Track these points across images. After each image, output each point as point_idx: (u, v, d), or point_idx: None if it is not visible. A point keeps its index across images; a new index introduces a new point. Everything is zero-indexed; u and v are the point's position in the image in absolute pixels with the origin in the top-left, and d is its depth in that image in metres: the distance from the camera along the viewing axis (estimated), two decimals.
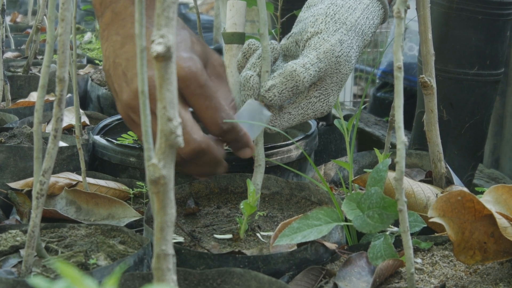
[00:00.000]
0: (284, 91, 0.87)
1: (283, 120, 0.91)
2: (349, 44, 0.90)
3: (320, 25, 0.90)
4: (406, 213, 0.61)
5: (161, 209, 0.43)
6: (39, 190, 0.65)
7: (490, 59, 1.25)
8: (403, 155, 0.59)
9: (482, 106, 1.28)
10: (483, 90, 1.27)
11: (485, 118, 1.30)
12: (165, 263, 0.44)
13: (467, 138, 1.28)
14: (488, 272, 0.72)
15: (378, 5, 0.95)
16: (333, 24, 0.90)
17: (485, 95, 1.24)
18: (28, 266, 0.67)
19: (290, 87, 0.87)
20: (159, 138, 0.42)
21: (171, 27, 0.41)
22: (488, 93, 1.27)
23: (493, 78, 1.27)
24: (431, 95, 0.92)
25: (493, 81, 1.28)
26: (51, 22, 0.63)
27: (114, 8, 0.88)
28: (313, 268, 0.73)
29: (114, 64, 0.85)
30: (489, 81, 1.27)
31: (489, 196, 0.72)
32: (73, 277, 0.34)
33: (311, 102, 0.91)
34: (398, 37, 0.58)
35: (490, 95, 1.28)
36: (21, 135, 1.17)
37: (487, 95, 1.28)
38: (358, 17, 0.92)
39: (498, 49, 1.26)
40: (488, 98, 1.28)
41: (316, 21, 0.91)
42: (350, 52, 0.90)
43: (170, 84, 0.41)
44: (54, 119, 0.63)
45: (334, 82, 0.91)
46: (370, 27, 0.94)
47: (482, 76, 1.26)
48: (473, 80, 1.26)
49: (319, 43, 0.89)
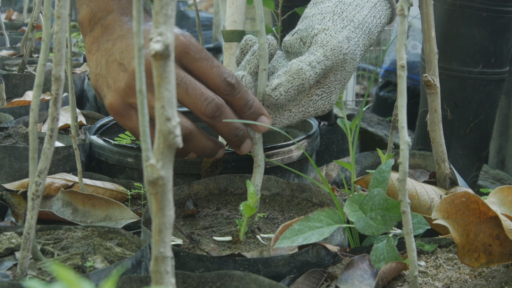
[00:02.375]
0: (290, 89, 0.87)
1: (283, 118, 0.91)
2: (356, 41, 0.91)
3: (327, 23, 0.91)
4: (410, 214, 0.61)
5: (159, 210, 0.43)
6: (34, 191, 0.65)
7: (495, 57, 1.26)
8: (406, 156, 0.59)
9: (486, 105, 1.28)
10: (488, 88, 1.27)
11: (490, 117, 1.30)
12: (164, 265, 0.44)
13: (471, 138, 1.28)
14: (493, 275, 0.72)
15: (385, 4, 0.95)
16: (340, 22, 0.91)
17: (489, 94, 1.25)
18: (23, 269, 0.67)
19: (296, 85, 0.87)
20: (157, 138, 0.42)
21: (169, 25, 0.41)
22: (492, 92, 1.27)
23: (498, 77, 1.27)
24: (435, 94, 0.92)
25: (498, 79, 1.28)
26: (47, 20, 0.63)
27: (103, 23, 0.93)
28: (314, 271, 0.73)
29: (107, 64, 0.87)
30: (494, 80, 1.27)
31: (494, 197, 0.72)
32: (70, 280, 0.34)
33: (313, 100, 0.91)
34: (401, 35, 0.58)
35: (494, 94, 1.28)
36: (16, 135, 1.17)
37: (492, 94, 1.28)
38: (366, 15, 0.93)
39: (503, 47, 1.26)
40: (492, 97, 1.28)
41: (323, 19, 0.91)
42: (356, 50, 0.91)
43: (169, 83, 0.41)
44: (50, 118, 0.63)
45: (337, 80, 0.91)
46: (377, 26, 0.94)
47: (486, 75, 1.26)
48: (478, 78, 1.26)
49: (326, 40, 0.89)
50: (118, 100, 0.86)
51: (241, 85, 0.87)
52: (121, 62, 0.87)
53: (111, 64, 0.88)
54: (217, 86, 0.85)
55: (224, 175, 0.98)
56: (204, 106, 0.83)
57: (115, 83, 0.87)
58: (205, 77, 0.86)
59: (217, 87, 0.85)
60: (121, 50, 0.88)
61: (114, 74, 0.87)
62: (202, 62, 0.85)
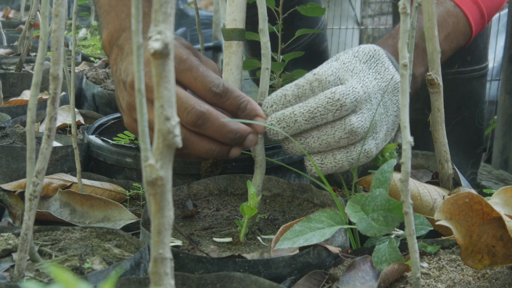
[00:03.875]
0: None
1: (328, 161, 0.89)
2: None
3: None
4: (412, 215, 0.61)
5: (159, 211, 0.43)
6: (32, 192, 0.65)
7: (471, 55, 1.25)
8: (408, 156, 0.59)
9: (470, 102, 1.28)
10: (469, 87, 1.27)
11: (477, 114, 1.30)
12: (163, 267, 0.44)
13: (457, 136, 1.28)
14: (497, 277, 0.72)
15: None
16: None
17: (472, 92, 1.24)
18: (20, 270, 0.67)
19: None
20: (156, 138, 0.42)
21: (168, 23, 0.41)
22: (475, 88, 1.26)
23: (478, 73, 1.27)
24: (438, 94, 0.92)
25: (479, 76, 1.27)
26: (44, 18, 0.63)
27: (118, 43, 0.96)
28: (315, 273, 0.73)
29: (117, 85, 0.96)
30: (475, 77, 1.27)
31: (497, 198, 0.72)
32: (67, 281, 0.34)
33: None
34: (403, 34, 0.58)
35: (478, 90, 1.27)
36: (14, 135, 1.17)
37: (475, 91, 1.27)
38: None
39: (478, 42, 1.25)
40: (476, 93, 1.27)
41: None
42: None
43: (168, 82, 0.41)
44: (47, 118, 0.63)
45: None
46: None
47: (465, 73, 1.26)
48: (456, 78, 1.25)
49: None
50: (128, 119, 0.89)
51: (230, 90, 0.85)
52: (124, 80, 0.88)
53: (119, 85, 0.91)
54: (204, 97, 0.85)
55: (224, 175, 0.98)
56: (184, 116, 0.82)
57: (122, 103, 0.90)
58: (191, 88, 0.85)
59: (204, 98, 0.85)
60: (124, 68, 0.89)
61: (121, 94, 0.90)
62: (186, 74, 0.84)
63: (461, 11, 1.04)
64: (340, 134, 0.83)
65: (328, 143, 0.83)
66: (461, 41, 1.06)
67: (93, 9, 2.58)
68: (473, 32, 1.06)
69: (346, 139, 0.83)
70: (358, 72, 0.88)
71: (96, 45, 2.38)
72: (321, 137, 0.83)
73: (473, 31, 1.06)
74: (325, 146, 0.84)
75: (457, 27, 1.04)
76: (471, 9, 1.05)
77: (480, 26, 1.09)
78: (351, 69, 0.87)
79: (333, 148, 0.85)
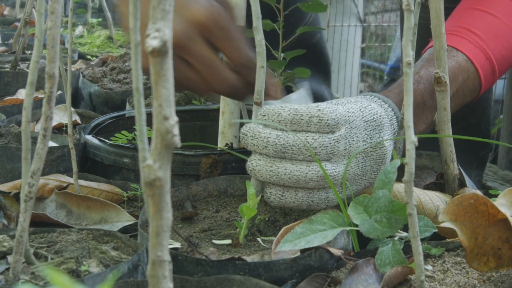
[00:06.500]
0: None
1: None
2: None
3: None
4: (416, 217, 0.61)
5: (157, 213, 0.43)
6: (27, 193, 0.65)
7: None
8: (412, 156, 0.59)
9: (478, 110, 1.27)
10: None
11: (484, 120, 1.29)
12: (161, 270, 0.44)
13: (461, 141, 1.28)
14: (503, 280, 0.72)
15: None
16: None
17: (480, 100, 1.23)
18: (16, 273, 0.67)
19: None
20: (154, 138, 0.42)
21: (167, 21, 0.41)
22: (483, 96, 1.26)
23: None
24: (445, 92, 0.92)
25: None
26: (40, 15, 0.63)
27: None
28: (317, 276, 0.73)
29: None
30: None
31: (503, 199, 0.72)
32: (64, 284, 0.34)
33: None
34: (407, 31, 0.58)
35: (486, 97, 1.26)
36: (9, 135, 1.17)
37: (482, 99, 1.25)
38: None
39: None
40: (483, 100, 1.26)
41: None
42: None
43: (166, 81, 0.41)
44: (43, 117, 0.63)
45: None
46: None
47: None
48: None
49: None
50: (184, 33, 0.89)
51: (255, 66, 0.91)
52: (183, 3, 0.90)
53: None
54: (235, 63, 0.92)
55: (223, 176, 0.98)
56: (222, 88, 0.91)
57: (187, 10, 0.90)
58: (227, 56, 0.92)
59: (235, 64, 0.92)
60: None
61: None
62: (224, 43, 0.90)
63: (473, 66, 1.02)
64: (312, 175, 0.83)
65: (298, 180, 0.83)
66: (468, 98, 1.04)
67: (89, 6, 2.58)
68: (482, 89, 1.04)
69: (316, 183, 0.83)
70: (353, 127, 0.88)
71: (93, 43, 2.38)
72: (293, 172, 0.83)
73: (482, 88, 1.04)
74: (293, 181, 0.84)
75: (466, 83, 1.01)
76: (483, 65, 1.02)
77: (490, 83, 1.06)
78: (350, 121, 0.87)
79: (298, 187, 0.85)
